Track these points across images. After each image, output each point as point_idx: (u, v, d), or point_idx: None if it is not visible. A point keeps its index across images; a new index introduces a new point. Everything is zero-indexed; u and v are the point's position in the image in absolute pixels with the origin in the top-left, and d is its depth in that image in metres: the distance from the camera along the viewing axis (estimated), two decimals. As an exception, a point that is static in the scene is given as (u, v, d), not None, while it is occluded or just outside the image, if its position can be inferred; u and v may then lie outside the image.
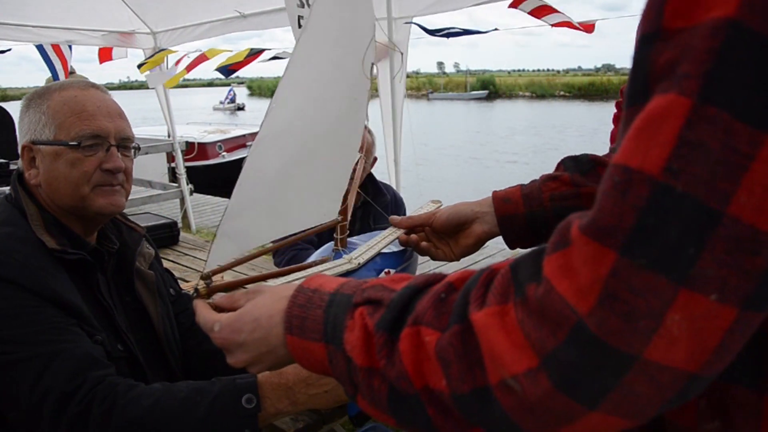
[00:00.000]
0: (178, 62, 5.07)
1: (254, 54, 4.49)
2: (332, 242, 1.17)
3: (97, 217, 1.17)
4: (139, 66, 5.40)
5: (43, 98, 1.13)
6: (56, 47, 5.33)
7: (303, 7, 1.34)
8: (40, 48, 5.28)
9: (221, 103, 36.10)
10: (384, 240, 1.12)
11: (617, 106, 1.75)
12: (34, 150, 1.11)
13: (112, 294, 1.17)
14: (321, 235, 2.34)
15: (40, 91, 1.15)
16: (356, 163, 1.10)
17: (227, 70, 4.61)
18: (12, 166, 3.59)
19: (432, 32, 3.69)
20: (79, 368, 0.95)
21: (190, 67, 5.03)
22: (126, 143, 1.17)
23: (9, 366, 0.94)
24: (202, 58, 4.94)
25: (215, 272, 0.91)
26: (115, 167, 1.13)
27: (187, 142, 8.06)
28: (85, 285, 1.09)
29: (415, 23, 3.68)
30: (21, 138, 1.14)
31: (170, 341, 1.26)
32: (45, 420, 0.92)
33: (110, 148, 1.13)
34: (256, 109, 37.80)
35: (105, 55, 5.47)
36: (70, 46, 5.36)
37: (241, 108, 35.34)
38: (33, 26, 4.70)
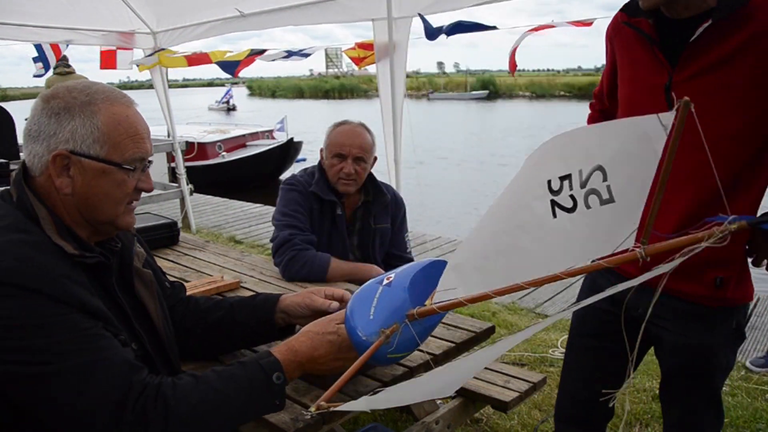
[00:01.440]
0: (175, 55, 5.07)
1: (255, 54, 4.49)
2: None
3: (116, 231, 1.19)
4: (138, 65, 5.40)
5: (91, 108, 1.07)
6: (54, 46, 5.35)
7: None
8: (38, 47, 5.30)
9: (217, 102, 36.47)
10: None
11: (591, 107, 1.78)
12: (72, 160, 1.06)
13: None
14: (321, 230, 2.34)
15: (82, 98, 1.08)
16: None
17: (229, 66, 4.60)
18: (12, 167, 3.58)
19: (431, 35, 3.65)
20: (121, 375, 0.98)
21: (190, 60, 5.02)
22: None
23: (47, 377, 0.94)
24: (203, 59, 4.93)
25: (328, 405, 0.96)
26: (150, 188, 1.17)
27: (187, 142, 8.06)
28: (101, 287, 1.10)
29: (421, 16, 3.60)
30: (52, 142, 1.06)
31: (169, 337, 1.28)
32: (99, 429, 0.95)
33: (145, 169, 1.15)
34: (255, 109, 37.82)
35: (108, 62, 5.46)
36: (67, 45, 5.37)
37: (231, 108, 35.59)
38: (33, 26, 4.70)
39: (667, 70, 1.37)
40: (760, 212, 1.43)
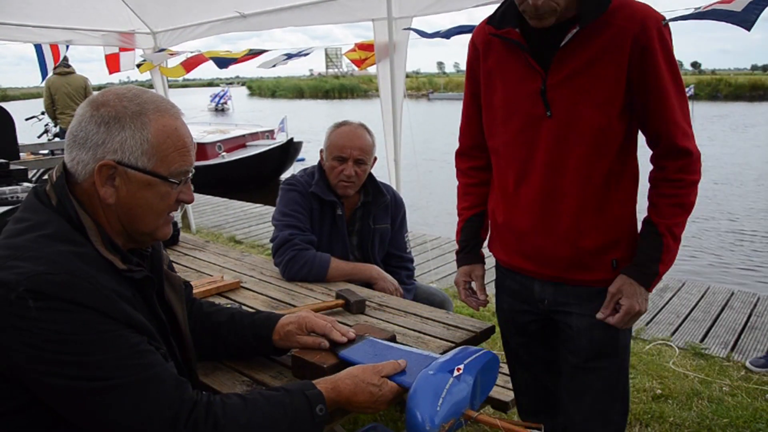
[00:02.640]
0: (174, 54, 5.07)
1: (253, 54, 4.49)
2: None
3: (153, 241, 1.19)
4: (138, 66, 5.40)
5: (142, 119, 1.06)
6: (54, 47, 5.34)
7: None
8: (38, 47, 5.29)
9: (214, 104, 37.11)
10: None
11: (463, 171, 2.00)
12: (118, 170, 1.05)
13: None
14: (321, 230, 2.34)
15: (133, 108, 1.06)
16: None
17: (223, 62, 4.60)
18: (12, 167, 3.57)
19: (428, 35, 3.67)
20: (172, 391, 0.99)
21: (187, 65, 5.02)
22: None
23: (104, 392, 0.94)
24: (200, 59, 4.93)
25: None
26: (191, 200, 1.17)
27: (187, 142, 8.08)
28: (144, 300, 1.10)
29: (412, 29, 3.67)
30: (100, 151, 1.04)
31: (191, 343, 1.29)
32: None
33: (188, 181, 1.15)
34: (255, 110, 37.87)
35: (113, 66, 5.45)
36: (67, 46, 5.36)
37: (220, 109, 36.06)
38: (33, 26, 4.70)
39: (540, 75, 1.46)
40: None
